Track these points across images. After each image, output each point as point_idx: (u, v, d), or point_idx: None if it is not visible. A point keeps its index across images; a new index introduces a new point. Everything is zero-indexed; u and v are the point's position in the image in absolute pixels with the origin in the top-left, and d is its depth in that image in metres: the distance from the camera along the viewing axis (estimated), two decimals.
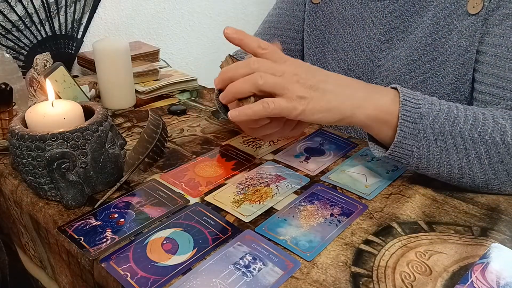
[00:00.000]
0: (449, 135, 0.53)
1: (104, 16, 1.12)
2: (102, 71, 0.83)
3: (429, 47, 0.67)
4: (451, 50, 0.66)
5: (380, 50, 0.73)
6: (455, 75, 0.67)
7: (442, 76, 0.67)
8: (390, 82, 0.71)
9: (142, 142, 0.62)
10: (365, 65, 0.75)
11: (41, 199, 0.57)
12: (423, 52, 0.68)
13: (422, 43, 0.68)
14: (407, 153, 0.54)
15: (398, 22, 0.71)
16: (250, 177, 0.61)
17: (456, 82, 0.67)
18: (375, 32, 0.73)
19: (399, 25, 0.70)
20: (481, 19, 0.62)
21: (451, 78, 0.67)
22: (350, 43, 0.76)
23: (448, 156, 0.54)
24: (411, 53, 0.69)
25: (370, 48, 0.74)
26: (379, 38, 0.73)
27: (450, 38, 0.66)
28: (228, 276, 0.44)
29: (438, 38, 0.67)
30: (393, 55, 0.71)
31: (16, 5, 0.93)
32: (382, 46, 0.73)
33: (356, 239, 0.49)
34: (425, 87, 0.69)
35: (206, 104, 0.89)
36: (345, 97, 0.54)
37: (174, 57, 1.35)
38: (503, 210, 0.54)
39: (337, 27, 0.78)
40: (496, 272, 0.44)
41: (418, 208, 0.55)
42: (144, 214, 0.54)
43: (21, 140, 0.51)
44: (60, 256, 0.54)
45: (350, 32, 0.76)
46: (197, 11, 1.36)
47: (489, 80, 0.62)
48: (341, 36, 0.78)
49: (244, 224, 0.52)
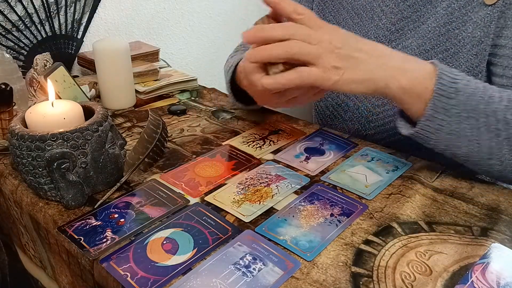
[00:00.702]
0: (483, 113, 0.52)
1: (104, 16, 1.12)
2: (102, 71, 0.83)
3: (442, 38, 0.67)
4: (464, 41, 0.65)
5: (389, 40, 0.72)
6: (467, 66, 0.66)
7: (455, 67, 0.67)
8: None
9: (142, 142, 0.62)
10: None
11: (41, 199, 0.57)
12: (435, 42, 0.67)
13: (435, 33, 0.67)
14: (437, 128, 0.53)
15: (410, 11, 0.70)
16: (250, 177, 0.61)
17: (468, 73, 0.66)
18: (384, 22, 0.73)
19: (411, 15, 0.70)
20: (497, 10, 0.62)
21: (463, 69, 0.66)
22: (357, 33, 0.75)
23: (479, 134, 0.53)
24: (423, 43, 0.68)
25: (379, 38, 0.73)
26: (388, 28, 0.72)
27: (464, 29, 0.65)
28: (228, 276, 0.44)
29: (452, 28, 0.66)
30: (404, 45, 0.71)
31: (16, 5, 0.93)
32: (392, 36, 0.72)
33: (356, 239, 0.49)
34: None
35: (206, 104, 0.89)
36: (380, 67, 0.53)
37: (174, 57, 1.35)
38: (503, 210, 0.54)
39: (345, 18, 0.78)
40: (496, 272, 0.44)
41: (418, 208, 0.55)
42: (144, 214, 0.54)
43: (21, 140, 0.51)
44: (60, 256, 0.54)
45: (358, 23, 0.76)
46: (197, 11, 1.36)
47: (511, 73, 0.62)
48: (349, 26, 0.77)
49: (244, 224, 0.52)
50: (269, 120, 0.80)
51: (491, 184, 0.60)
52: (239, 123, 0.79)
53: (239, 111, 0.84)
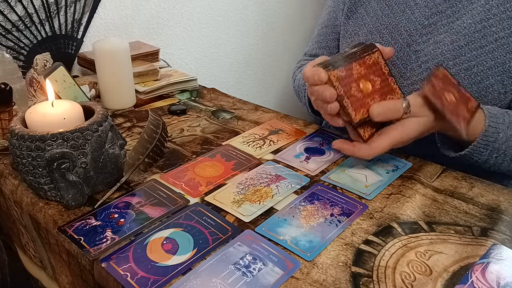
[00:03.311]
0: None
1: (104, 16, 1.12)
2: (102, 71, 0.83)
3: (478, 34, 0.66)
4: (501, 41, 0.64)
5: (420, 34, 0.71)
6: (503, 67, 0.65)
7: (489, 66, 0.66)
8: (429, 68, 0.70)
9: (142, 142, 0.62)
10: (401, 49, 0.73)
11: (41, 199, 0.57)
12: (470, 38, 0.66)
13: (470, 30, 0.66)
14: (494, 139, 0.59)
15: (446, 6, 0.69)
16: (250, 177, 0.61)
17: (502, 74, 0.65)
18: (416, 15, 0.72)
19: (446, 10, 0.69)
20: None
21: (498, 69, 0.65)
22: (387, 25, 0.75)
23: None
24: (457, 38, 0.67)
25: (409, 31, 0.72)
26: (421, 22, 0.71)
27: (501, 28, 0.64)
28: (228, 276, 0.44)
29: (489, 25, 0.65)
30: (435, 40, 0.70)
31: (16, 5, 0.93)
32: (424, 30, 0.71)
33: (356, 239, 0.49)
34: (469, 75, 0.67)
35: (206, 104, 0.89)
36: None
37: (174, 57, 1.35)
38: (503, 210, 0.54)
39: (375, 9, 0.77)
40: (496, 272, 0.44)
41: (418, 208, 0.55)
42: (144, 214, 0.54)
43: (21, 140, 0.51)
44: (60, 256, 0.54)
45: (388, 14, 0.75)
46: (197, 11, 1.36)
47: None
48: (378, 17, 0.76)
49: (244, 224, 0.52)
50: (269, 120, 0.80)
51: (491, 184, 0.60)
52: (239, 123, 0.79)
53: (239, 111, 0.84)
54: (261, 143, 0.71)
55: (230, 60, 1.56)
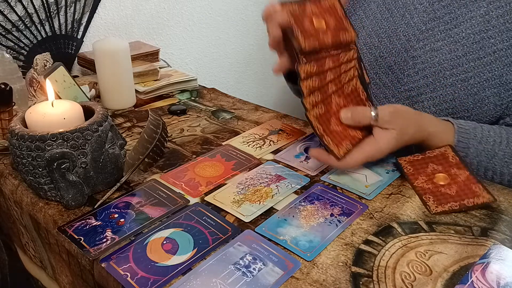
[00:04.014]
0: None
1: (104, 16, 1.12)
2: (102, 71, 0.83)
3: (476, 45, 0.65)
4: (500, 53, 0.64)
5: (418, 39, 0.71)
6: (500, 79, 0.64)
7: (486, 78, 0.65)
8: (427, 76, 0.69)
9: (142, 142, 0.62)
10: (399, 54, 0.73)
11: (41, 199, 0.57)
12: (468, 49, 0.66)
13: (469, 40, 0.66)
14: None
15: (444, 12, 0.68)
16: (250, 177, 0.61)
17: (499, 86, 0.65)
18: (415, 20, 0.71)
19: (444, 16, 0.68)
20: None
21: (495, 81, 0.65)
22: (385, 29, 0.74)
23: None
24: (455, 48, 0.67)
25: (407, 36, 0.72)
26: (419, 27, 0.71)
27: (500, 40, 0.63)
28: (228, 276, 0.44)
29: (487, 37, 0.64)
30: (432, 47, 0.69)
31: (16, 5, 0.93)
32: (421, 35, 0.70)
33: (356, 239, 0.49)
34: (465, 86, 0.66)
35: (206, 104, 0.89)
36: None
37: (174, 57, 1.35)
38: (503, 210, 0.54)
39: (375, 12, 0.76)
40: (496, 272, 0.44)
41: (418, 208, 0.55)
42: (144, 214, 0.54)
43: (21, 140, 0.51)
44: (60, 256, 0.54)
45: (388, 18, 0.74)
46: (197, 11, 1.36)
47: None
48: (377, 20, 0.76)
49: (244, 224, 0.52)
50: (269, 120, 0.80)
51: (491, 184, 0.60)
52: (239, 123, 0.79)
53: (239, 111, 0.84)
54: (261, 143, 0.71)
55: (230, 60, 1.56)
